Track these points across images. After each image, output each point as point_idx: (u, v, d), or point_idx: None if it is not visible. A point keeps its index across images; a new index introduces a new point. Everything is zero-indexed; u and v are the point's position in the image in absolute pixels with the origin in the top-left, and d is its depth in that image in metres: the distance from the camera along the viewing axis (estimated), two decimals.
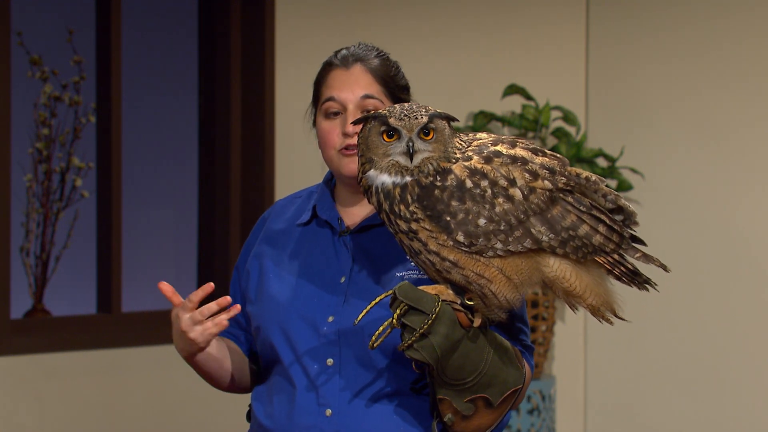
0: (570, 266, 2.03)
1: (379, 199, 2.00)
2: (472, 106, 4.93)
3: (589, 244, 2.01)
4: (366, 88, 2.22)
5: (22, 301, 4.48)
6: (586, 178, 2.04)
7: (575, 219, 2.01)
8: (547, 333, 4.99)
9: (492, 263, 1.99)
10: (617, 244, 2.04)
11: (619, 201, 2.05)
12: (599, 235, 2.02)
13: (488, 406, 2.08)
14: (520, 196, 1.98)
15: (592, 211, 2.02)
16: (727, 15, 4.79)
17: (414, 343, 2.00)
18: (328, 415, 2.17)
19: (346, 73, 2.23)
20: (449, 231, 1.97)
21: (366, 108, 2.21)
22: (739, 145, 4.74)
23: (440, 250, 1.99)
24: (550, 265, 2.02)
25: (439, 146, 2.00)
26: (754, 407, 4.71)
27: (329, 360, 2.18)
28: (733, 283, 4.74)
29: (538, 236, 1.99)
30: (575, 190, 2.03)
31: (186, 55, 4.94)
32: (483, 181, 1.98)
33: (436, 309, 2.00)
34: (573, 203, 2.01)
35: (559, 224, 2.00)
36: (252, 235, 2.37)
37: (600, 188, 2.04)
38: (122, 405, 4.29)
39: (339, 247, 2.25)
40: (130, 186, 4.64)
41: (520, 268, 2.00)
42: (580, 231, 2.01)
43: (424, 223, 1.98)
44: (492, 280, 2.00)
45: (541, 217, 1.99)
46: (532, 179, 1.99)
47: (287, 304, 2.22)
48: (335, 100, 2.23)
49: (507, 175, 1.99)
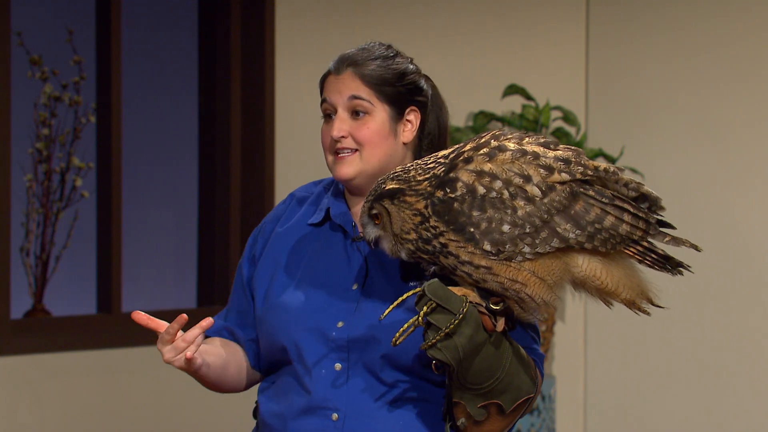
0: (599, 264, 2.02)
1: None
2: (472, 106, 4.93)
3: (616, 235, 1.99)
4: (354, 90, 2.19)
5: (22, 301, 4.48)
6: (605, 169, 2.02)
7: (599, 212, 1.99)
8: (547, 333, 4.99)
9: (523, 267, 1.98)
10: (645, 231, 2.02)
11: (642, 188, 2.03)
12: (625, 224, 2.00)
13: (500, 413, 2.07)
14: (539, 193, 1.97)
15: (614, 202, 2.00)
16: (727, 15, 4.79)
17: (438, 342, 1.99)
18: (334, 419, 2.16)
19: (336, 78, 2.22)
20: (476, 242, 1.97)
21: (354, 108, 2.20)
22: (739, 144, 4.74)
23: (472, 259, 1.98)
24: (579, 265, 2.01)
25: (393, 225, 2.03)
26: (754, 407, 4.71)
27: (337, 365, 2.17)
28: (733, 283, 4.74)
29: (565, 234, 1.97)
30: (595, 182, 2.01)
31: (186, 55, 4.94)
32: (495, 182, 1.97)
33: (464, 309, 1.99)
34: (595, 196, 1.99)
35: (583, 219, 1.98)
36: (262, 227, 2.34)
37: (620, 178, 2.02)
38: (122, 405, 4.29)
39: (352, 253, 2.23)
40: (130, 186, 4.64)
41: (552, 269, 1.99)
42: (605, 223, 1.99)
43: (449, 234, 1.98)
44: (526, 283, 1.99)
45: (565, 214, 1.98)
46: (548, 174, 1.98)
47: (297, 308, 2.20)
48: (327, 102, 2.23)
49: (521, 172, 1.98)
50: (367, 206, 2.05)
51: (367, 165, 2.19)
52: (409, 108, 2.23)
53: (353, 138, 2.19)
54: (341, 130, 2.19)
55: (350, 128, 2.19)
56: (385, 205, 2.03)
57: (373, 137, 2.19)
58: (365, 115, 2.20)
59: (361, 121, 2.20)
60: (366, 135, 2.19)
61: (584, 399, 5.20)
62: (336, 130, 2.19)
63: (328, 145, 2.22)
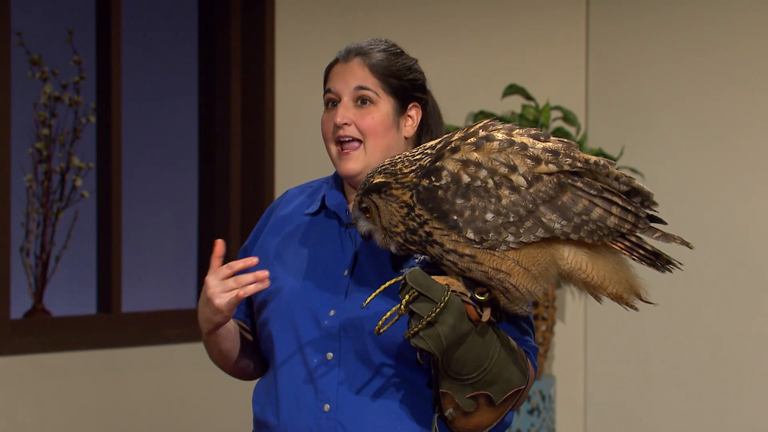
0: (585, 256, 2.01)
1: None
2: (472, 106, 4.93)
3: (603, 227, 1.99)
4: (361, 80, 2.20)
5: (22, 301, 4.48)
6: (596, 162, 2.01)
7: (587, 203, 1.98)
8: (547, 333, 4.99)
9: (508, 256, 1.98)
10: (634, 225, 2.01)
11: (633, 183, 2.02)
12: (613, 216, 1.99)
13: (490, 405, 2.07)
14: (524, 183, 1.96)
15: (603, 194, 1.99)
16: (727, 15, 4.79)
17: (420, 331, 1.99)
18: (326, 410, 2.16)
19: (343, 66, 2.22)
20: (459, 230, 1.97)
21: (360, 98, 2.20)
22: (739, 144, 4.74)
23: (456, 247, 1.98)
24: (565, 257, 2.00)
25: (381, 218, 2.04)
26: (754, 407, 4.71)
27: (329, 354, 2.17)
28: (733, 283, 4.74)
29: (550, 224, 1.97)
30: (585, 174, 2.01)
31: (186, 55, 4.94)
32: (480, 171, 1.97)
33: (445, 298, 1.99)
34: (583, 187, 1.99)
35: (570, 210, 1.97)
36: (262, 220, 2.35)
37: (611, 171, 2.01)
38: (122, 405, 4.29)
39: (344, 239, 2.23)
40: (130, 186, 4.64)
41: (537, 259, 1.99)
42: (593, 215, 1.98)
43: (433, 222, 1.98)
44: (510, 273, 1.98)
45: (551, 204, 1.97)
46: (535, 164, 1.98)
47: (291, 296, 2.21)
48: (332, 92, 2.22)
49: (507, 161, 1.97)
50: (357, 200, 2.07)
51: (371, 158, 2.19)
52: (411, 103, 2.24)
53: (357, 126, 2.20)
54: (345, 117, 2.19)
55: (354, 116, 2.20)
56: (373, 199, 2.04)
57: (376, 127, 2.20)
58: (370, 104, 2.20)
59: (365, 110, 2.20)
60: (370, 124, 2.19)
61: (584, 399, 5.20)
62: (340, 117, 2.19)
63: (330, 133, 2.22)
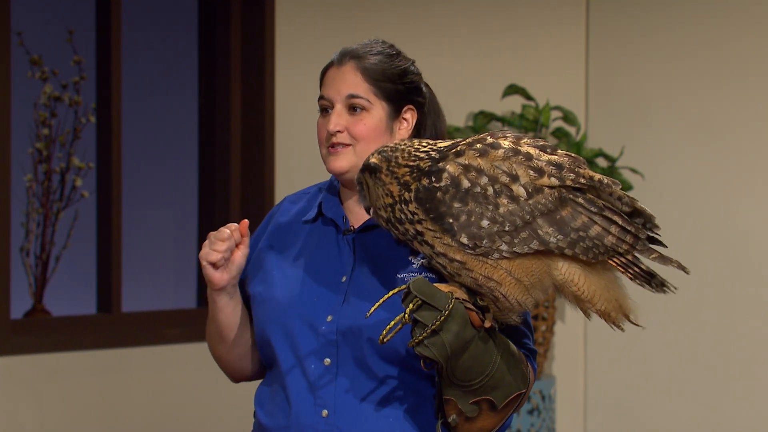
0: (579, 270, 2.00)
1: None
2: (472, 106, 4.93)
3: (600, 245, 1.98)
4: (352, 87, 2.20)
5: (22, 301, 4.48)
6: (600, 180, 2.00)
7: (586, 220, 1.98)
8: (547, 333, 4.99)
9: (500, 265, 1.97)
10: (631, 245, 2.00)
11: (636, 204, 2.02)
12: (611, 236, 1.98)
13: (492, 409, 2.07)
14: (524, 194, 1.96)
15: (604, 212, 1.99)
16: (727, 15, 4.79)
17: (425, 340, 1.99)
18: (324, 415, 2.16)
19: (337, 70, 2.22)
20: (453, 233, 1.96)
21: (352, 106, 2.21)
22: (739, 144, 4.74)
23: (447, 251, 1.98)
24: (559, 269, 2.00)
25: (370, 196, 2.05)
26: (754, 407, 4.71)
27: (327, 360, 2.17)
28: (733, 283, 4.74)
29: (546, 238, 1.96)
30: (588, 191, 2.00)
31: (186, 55, 4.94)
32: (481, 178, 1.96)
33: (449, 306, 1.98)
34: (584, 204, 1.98)
35: (568, 225, 1.97)
36: (261, 226, 2.36)
37: (614, 191, 2.01)
38: (122, 405, 4.29)
39: (342, 246, 2.24)
40: (130, 186, 4.64)
41: (530, 270, 1.98)
42: (591, 232, 1.98)
43: (426, 223, 1.98)
44: (501, 282, 1.98)
45: (549, 218, 1.97)
46: (537, 176, 1.97)
47: (288, 303, 2.21)
48: (325, 99, 2.23)
49: (509, 171, 1.97)
50: (359, 173, 2.08)
51: (360, 159, 2.19)
52: (406, 107, 2.24)
53: (349, 133, 2.21)
54: (338, 124, 2.20)
55: (347, 123, 2.21)
56: (365, 177, 2.05)
57: (369, 133, 2.20)
58: (362, 111, 2.21)
59: (358, 116, 2.21)
60: (362, 131, 2.20)
61: (584, 399, 5.20)
62: (332, 124, 2.20)
63: (324, 138, 2.23)
